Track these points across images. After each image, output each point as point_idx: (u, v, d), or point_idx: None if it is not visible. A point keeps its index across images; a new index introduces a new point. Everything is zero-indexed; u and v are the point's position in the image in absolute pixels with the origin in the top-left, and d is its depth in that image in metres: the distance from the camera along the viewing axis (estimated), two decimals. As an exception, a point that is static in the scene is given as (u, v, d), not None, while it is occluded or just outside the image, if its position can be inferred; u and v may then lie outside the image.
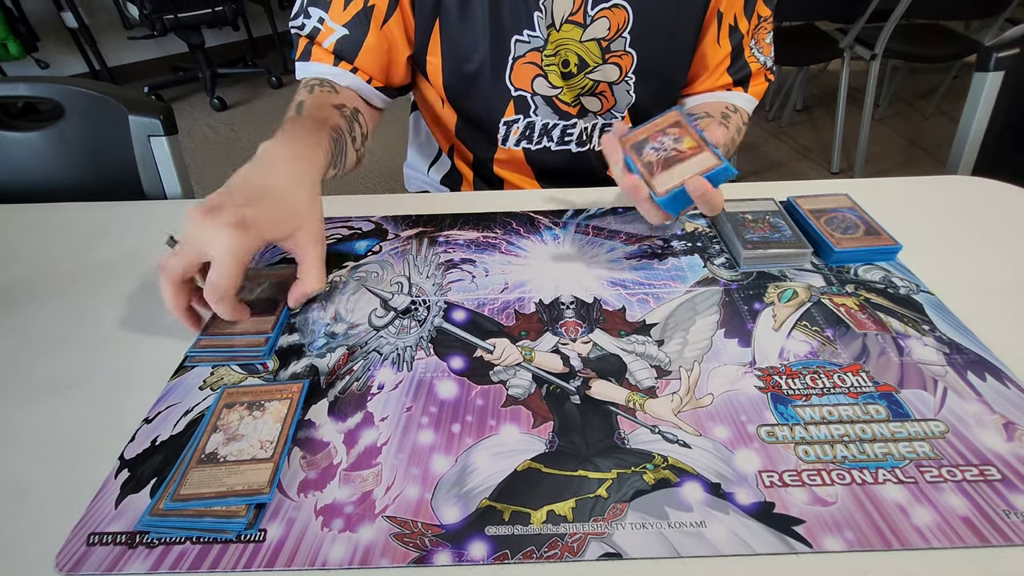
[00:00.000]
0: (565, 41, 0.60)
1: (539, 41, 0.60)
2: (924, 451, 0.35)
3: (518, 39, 0.60)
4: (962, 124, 0.77)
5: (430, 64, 0.64)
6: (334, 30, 0.59)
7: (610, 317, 0.46)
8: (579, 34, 0.60)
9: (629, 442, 0.36)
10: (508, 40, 0.60)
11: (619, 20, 0.59)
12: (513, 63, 0.62)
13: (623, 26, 0.60)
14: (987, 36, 2.13)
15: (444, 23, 0.60)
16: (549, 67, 0.62)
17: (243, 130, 2.65)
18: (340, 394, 0.40)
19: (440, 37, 0.61)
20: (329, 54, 0.60)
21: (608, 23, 0.59)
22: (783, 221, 0.54)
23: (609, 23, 0.59)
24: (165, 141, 0.72)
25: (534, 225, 0.58)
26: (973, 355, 0.41)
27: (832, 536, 0.31)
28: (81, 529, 0.32)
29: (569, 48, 0.61)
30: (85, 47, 2.91)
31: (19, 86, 0.73)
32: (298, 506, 0.33)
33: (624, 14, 0.59)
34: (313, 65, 0.60)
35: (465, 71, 0.63)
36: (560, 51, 0.61)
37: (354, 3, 0.58)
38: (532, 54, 0.61)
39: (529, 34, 0.60)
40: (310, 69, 0.61)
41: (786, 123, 2.51)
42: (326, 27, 0.59)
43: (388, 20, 0.59)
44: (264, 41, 3.52)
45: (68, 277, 0.53)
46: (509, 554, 0.30)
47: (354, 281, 0.51)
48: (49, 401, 0.41)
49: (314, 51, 0.60)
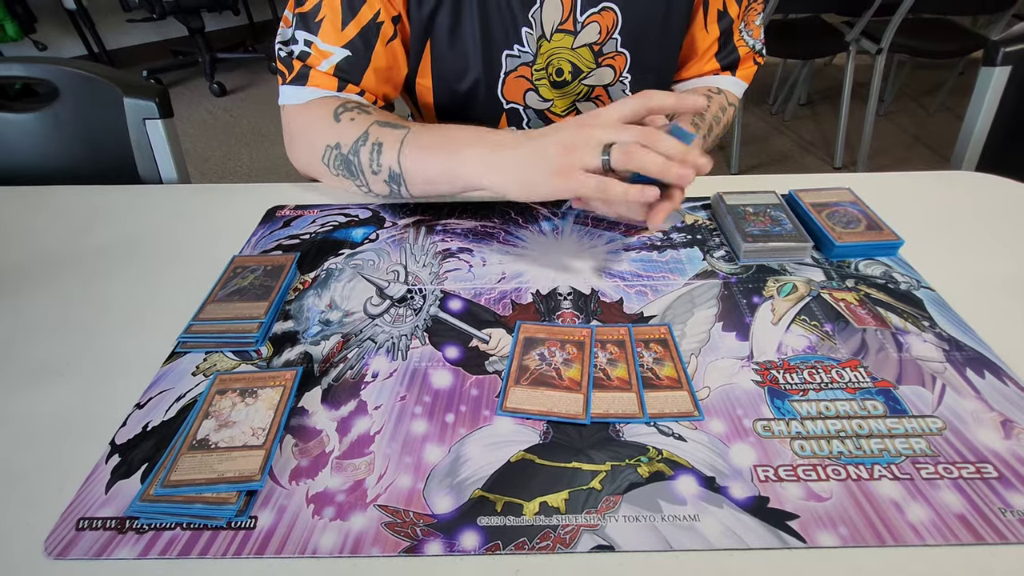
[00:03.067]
0: (557, 50, 0.59)
1: (528, 56, 0.59)
2: (921, 448, 0.34)
3: (508, 54, 0.59)
4: (967, 119, 0.76)
5: (420, 87, 0.62)
6: (330, 53, 0.54)
7: (607, 309, 0.46)
8: (570, 41, 0.59)
9: (624, 434, 0.36)
10: (499, 55, 0.59)
11: (608, 22, 0.58)
12: (504, 77, 0.61)
13: (613, 28, 0.58)
14: (994, 32, 2.11)
15: (435, 44, 0.58)
16: (539, 81, 0.61)
17: (243, 115, 2.63)
18: (334, 382, 0.40)
19: (431, 58, 0.59)
20: (331, 77, 0.55)
21: (598, 27, 0.58)
22: (784, 214, 0.53)
23: (599, 27, 0.58)
24: (161, 124, 0.71)
25: (533, 215, 0.57)
26: (973, 352, 0.41)
27: (826, 531, 0.30)
28: (70, 514, 0.32)
29: (561, 56, 0.60)
30: (83, 29, 2.88)
31: (13, 66, 0.72)
32: (289, 494, 0.33)
33: (613, 16, 0.58)
34: (310, 90, 0.56)
35: (457, 90, 0.61)
36: (552, 60, 0.60)
37: (355, 23, 0.54)
38: (523, 68, 0.60)
39: (519, 49, 0.59)
40: (305, 93, 0.56)
41: (789, 117, 2.49)
42: (316, 50, 0.54)
43: (393, 38, 0.56)
44: (264, 26, 3.49)
45: (61, 261, 0.53)
46: (501, 545, 0.30)
47: (350, 269, 0.51)
48: (41, 385, 0.40)
49: (312, 75, 0.55)
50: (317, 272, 0.50)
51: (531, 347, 0.42)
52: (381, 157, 0.50)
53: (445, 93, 0.62)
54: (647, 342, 0.42)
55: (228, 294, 0.46)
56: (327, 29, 0.54)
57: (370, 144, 0.51)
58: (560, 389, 0.39)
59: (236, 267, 0.50)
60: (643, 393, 0.38)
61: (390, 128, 0.51)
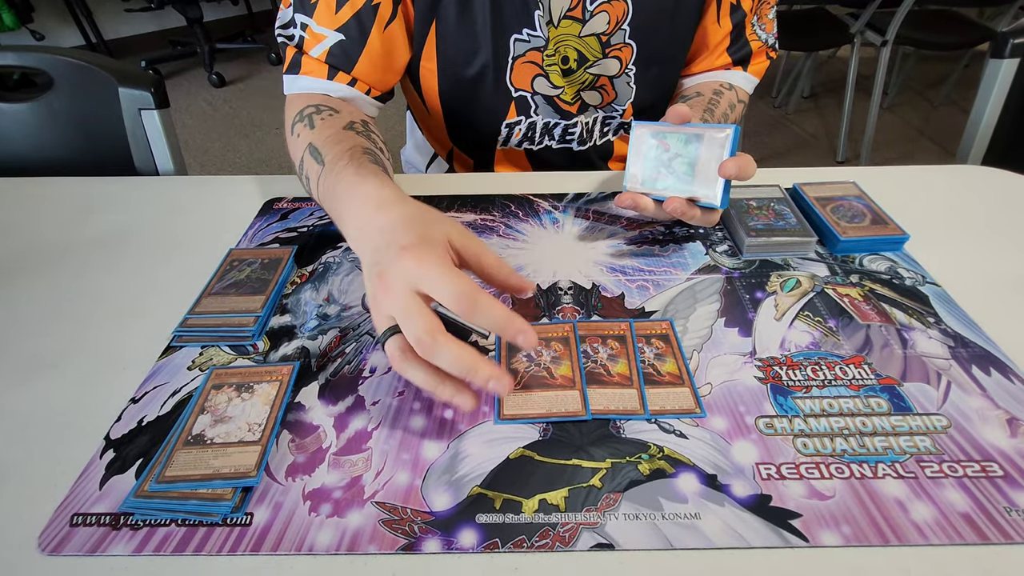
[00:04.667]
0: (564, 37, 0.58)
1: (540, 41, 0.58)
2: (925, 446, 0.34)
3: (517, 38, 0.57)
4: (974, 112, 0.75)
5: (424, 70, 0.61)
6: (324, 36, 0.52)
7: (608, 303, 0.45)
8: (578, 29, 0.58)
9: (624, 431, 0.35)
10: (508, 40, 0.58)
11: (618, 13, 0.57)
12: (513, 63, 0.59)
13: (622, 19, 0.57)
14: (1001, 23, 2.08)
15: (441, 25, 0.56)
16: (550, 67, 0.60)
17: (242, 107, 2.61)
18: (331, 377, 0.39)
19: (436, 40, 0.58)
20: (322, 64, 0.53)
21: (608, 17, 0.57)
22: (788, 209, 0.53)
23: (608, 17, 0.57)
24: (156, 115, 0.70)
25: (533, 209, 0.57)
26: (979, 349, 0.40)
27: (829, 531, 0.30)
28: (64, 509, 0.32)
29: (568, 44, 0.59)
30: (81, 19, 2.85)
31: (7, 55, 0.71)
32: (286, 490, 0.33)
33: (623, 6, 0.57)
34: (302, 79, 0.54)
35: (464, 75, 0.60)
36: (559, 47, 0.59)
37: (350, 4, 0.52)
38: (532, 53, 0.59)
39: (529, 33, 0.57)
40: (299, 83, 0.54)
41: (793, 110, 2.47)
42: (311, 33, 0.53)
43: (392, 21, 0.54)
44: (263, 16, 3.46)
45: (56, 253, 0.52)
46: (499, 543, 0.30)
47: (348, 262, 0.50)
48: (34, 379, 0.40)
49: (304, 62, 0.54)
50: (315, 265, 0.50)
51: (516, 349, 0.41)
52: (309, 184, 0.49)
53: (450, 78, 0.61)
54: (648, 337, 0.42)
55: (224, 287, 0.46)
56: (321, 10, 0.52)
57: (304, 175, 0.49)
58: (555, 388, 0.38)
59: (233, 260, 0.49)
60: (644, 389, 0.38)
61: (313, 160, 0.47)
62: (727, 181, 0.45)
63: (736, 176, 0.44)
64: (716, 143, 0.45)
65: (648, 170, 0.48)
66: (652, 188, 0.48)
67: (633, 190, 0.48)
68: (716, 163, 0.45)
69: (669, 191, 0.47)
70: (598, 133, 0.69)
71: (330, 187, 0.43)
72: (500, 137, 0.67)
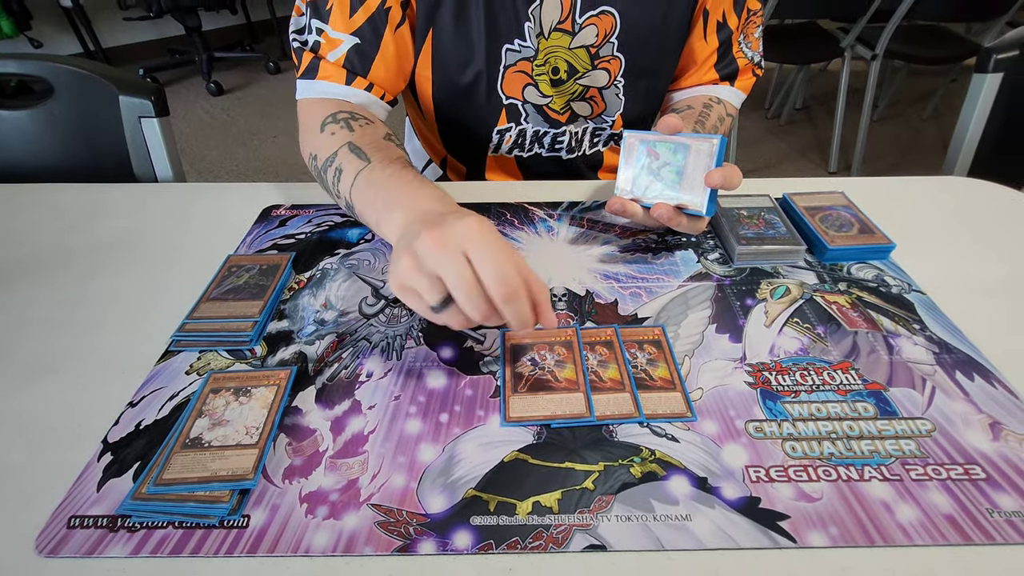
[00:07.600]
0: (554, 49, 0.60)
1: (530, 51, 0.59)
2: (910, 449, 0.35)
3: (509, 48, 0.59)
4: (959, 125, 0.77)
5: (420, 77, 0.62)
6: (340, 41, 0.54)
7: (602, 310, 0.46)
8: (568, 41, 0.59)
9: (617, 435, 0.36)
10: (500, 49, 0.59)
11: (607, 26, 0.59)
12: (504, 72, 0.61)
13: (611, 32, 0.59)
14: (987, 39, 2.12)
15: (438, 33, 0.58)
16: (540, 76, 0.61)
17: (239, 115, 2.62)
18: (328, 381, 0.40)
19: (432, 48, 0.59)
20: (339, 69, 0.55)
21: (596, 30, 0.59)
22: (778, 218, 0.54)
23: (597, 30, 0.59)
24: (156, 123, 0.71)
25: (528, 216, 0.58)
26: (962, 355, 0.41)
27: (816, 532, 0.31)
28: (62, 512, 0.32)
29: (558, 55, 0.60)
30: (80, 27, 2.86)
31: (8, 63, 0.71)
32: (282, 493, 0.33)
33: (612, 20, 0.58)
34: (320, 84, 0.55)
35: (458, 83, 0.61)
36: (549, 59, 0.60)
37: (363, 9, 0.54)
38: (522, 63, 0.60)
39: (520, 43, 0.59)
40: (315, 88, 0.56)
41: (785, 121, 2.50)
42: (327, 38, 0.54)
43: (401, 24, 0.56)
44: (262, 26, 3.48)
45: (55, 259, 0.53)
46: (494, 544, 0.30)
47: (345, 269, 0.51)
48: (34, 383, 0.40)
49: (321, 67, 0.55)
50: (312, 272, 0.50)
51: (521, 353, 0.42)
52: (339, 184, 0.50)
53: (444, 85, 0.62)
54: (641, 343, 0.42)
55: (223, 292, 0.46)
56: (336, 15, 0.54)
57: (334, 167, 0.50)
58: (559, 391, 0.39)
59: (231, 266, 0.50)
60: (637, 393, 0.38)
61: (355, 156, 0.49)
62: (713, 190, 0.46)
63: (721, 185, 0.46)
64: (703, 153, 0.46)
65: (638, 177, 0.49)
66: (641, 195, 0.49)
67: (623, 196, 0.49)
68: (703, 172, 0.46)
69: (658, 198, 0.48)
70: (587, 143, 0.71)
71: (379, 180, 0.46)
72: (491, 144, 0.68)
